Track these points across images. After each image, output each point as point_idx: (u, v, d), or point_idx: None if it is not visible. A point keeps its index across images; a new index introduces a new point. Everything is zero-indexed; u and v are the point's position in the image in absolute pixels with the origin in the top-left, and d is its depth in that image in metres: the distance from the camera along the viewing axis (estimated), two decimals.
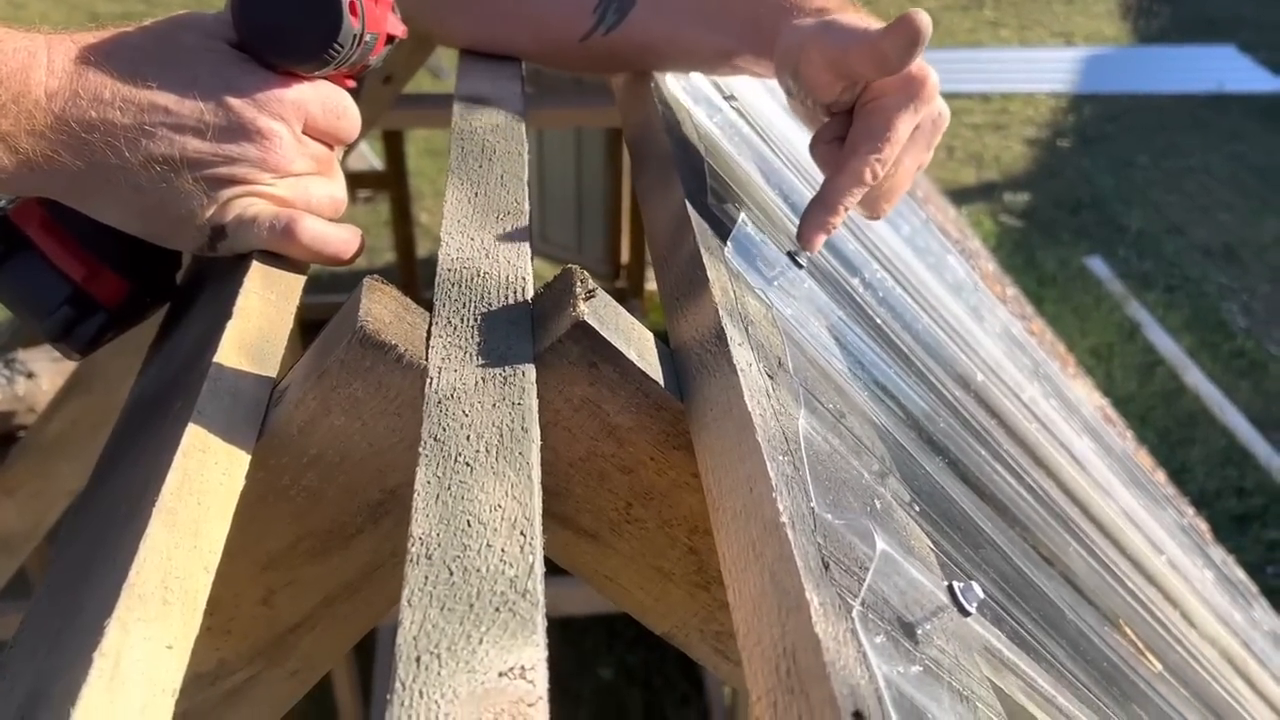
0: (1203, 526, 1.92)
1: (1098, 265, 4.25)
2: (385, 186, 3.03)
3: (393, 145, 2.85)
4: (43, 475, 1.27)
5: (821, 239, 0.56)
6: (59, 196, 0.47)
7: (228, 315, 0.44)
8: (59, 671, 0.32)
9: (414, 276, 2.94)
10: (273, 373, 0.44)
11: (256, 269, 0.48)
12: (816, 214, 0.56)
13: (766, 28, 0.61)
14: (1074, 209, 4.65)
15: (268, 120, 0.47)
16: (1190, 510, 1.92)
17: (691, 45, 0.66)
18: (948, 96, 0.56)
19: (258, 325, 0.45)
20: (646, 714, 2.55)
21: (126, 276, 0.51)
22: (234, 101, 0.47)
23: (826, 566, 0.35)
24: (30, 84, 0.43)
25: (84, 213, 0.48)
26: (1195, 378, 3.63)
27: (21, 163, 0.43)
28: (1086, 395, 1.90)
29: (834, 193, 0.55)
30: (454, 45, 0.73)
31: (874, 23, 0.56)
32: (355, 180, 3.62)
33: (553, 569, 0.33)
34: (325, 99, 0.50)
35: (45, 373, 1.36)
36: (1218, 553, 1.77)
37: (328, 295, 2.84)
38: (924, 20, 0.51)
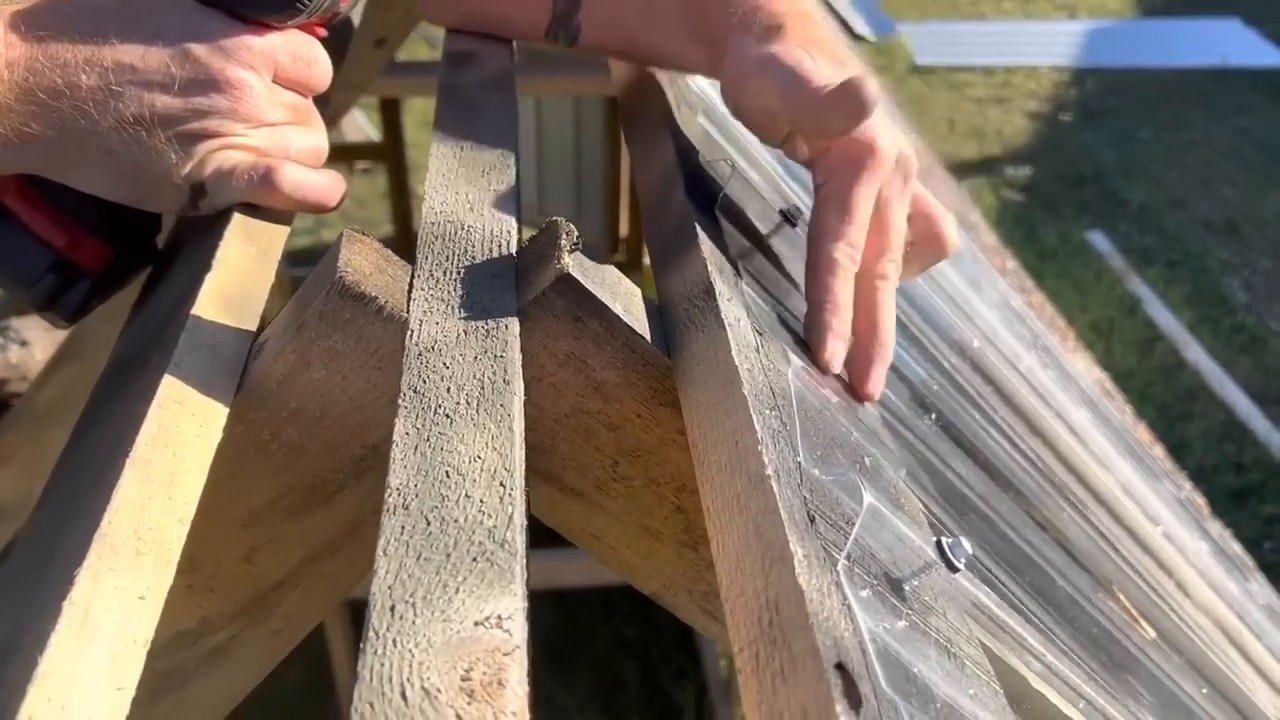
0: (1200, 501, 1.92)
1: (1099, 240, 4.23)
2: (382, 158, 3.01)
3: (390, 116, 2.83)
4: (36, 442, 1.27)
5: (831, 342, 0.47)
6: (37, 171, 0.46)
7: (207, 269, 0.44)
8: (30, 623, 0.31)
9: (412, 249, 2.92)
10: (253, 326, 0.43)
11: (238, 221, 0.47)
12: (816, 331, 0.48)
13: (716, 40, 0.56)
14: (1075, 183, 4.63)
15: (236, 69, 0.46)
16: (1188, 485, 1.92)
17: (648, 51, 0.63)
18: (951, 70, 0.53)
19: (238, 278, 0.45)
20: (643, 686, 2.56)
21: (108, 241, 0.51)
22: (200, 52, 0.46)
23: (812, 520, 0.34)
24: None
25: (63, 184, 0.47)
26: (1195, 353, 3.63)
27: None
28: (1086, 369, 1.89)
29: (822, 303, 0.48)
30: (438, 24, 0.71)
31: (823, 53, 0.52)
32: (353, 152, 3.60)
33: (551, 542, 0.32)
34: (295, 47, 0.49)
35: (38, 341, 1.35)
36: (1215, 527, 1.77)
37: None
38: (869, 91, 0.47)
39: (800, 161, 0.53)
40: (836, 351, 0.47)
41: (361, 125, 4.03)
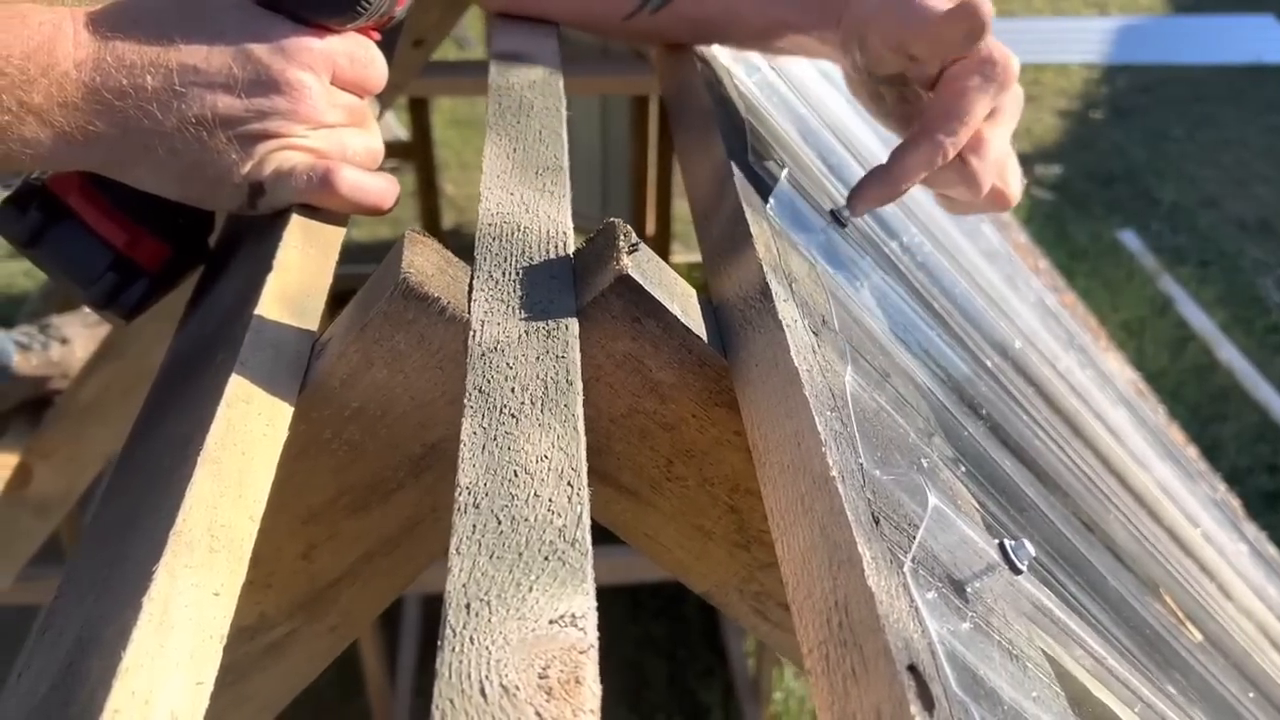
0: (1235, 503, 1.89)
1: (1130, 239, 4.19)
2: (411, 157, 3.02)
3: (418, 115, 2.84)
4: (77, 440, 1.28)
5: (872, 204, 0.55)
6: (98, 169, 0.47)
7: (268, 269, 0.44)
8: (108, 617, 0.32)
9: None
10: (314, 326, 0.44)
11: (296, 222, 0.47)
12: (876, 186, 0.54)
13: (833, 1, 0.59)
14: (1107, 182, 4.59)
15: (296, 71, 0.47)
16: (1222, 486, 1.90)
17: (748, 17, 0.63)
18: None
19: (298, 279, 0.45)
20: (669, 685, 2.56)
21: (166, 240, 0.51)
22: (261, 53, 0.46)
23: (877, 521, 0.34)
24: (57, 56, 0.43)
25: (124, 182, 0.48)
26: (1228, 353, 3.58)
27: (58, 136, 0.43)
28: (1119, 369, 1.87)
29: (901, 170, 0.53)
30: (492, 9, 0.72)
31: None
32: None
33: None
34: (353, 50, 0.50)
35: (79, 338, 1.37)
36: (1250, 529, 1.74)
37: (355, 266, 2.84)
38: (983, 8, 0.51)
39: (922, 86, 0.57)
40: (864, 210, 0.55)
41: (390, 124, 4.05)
